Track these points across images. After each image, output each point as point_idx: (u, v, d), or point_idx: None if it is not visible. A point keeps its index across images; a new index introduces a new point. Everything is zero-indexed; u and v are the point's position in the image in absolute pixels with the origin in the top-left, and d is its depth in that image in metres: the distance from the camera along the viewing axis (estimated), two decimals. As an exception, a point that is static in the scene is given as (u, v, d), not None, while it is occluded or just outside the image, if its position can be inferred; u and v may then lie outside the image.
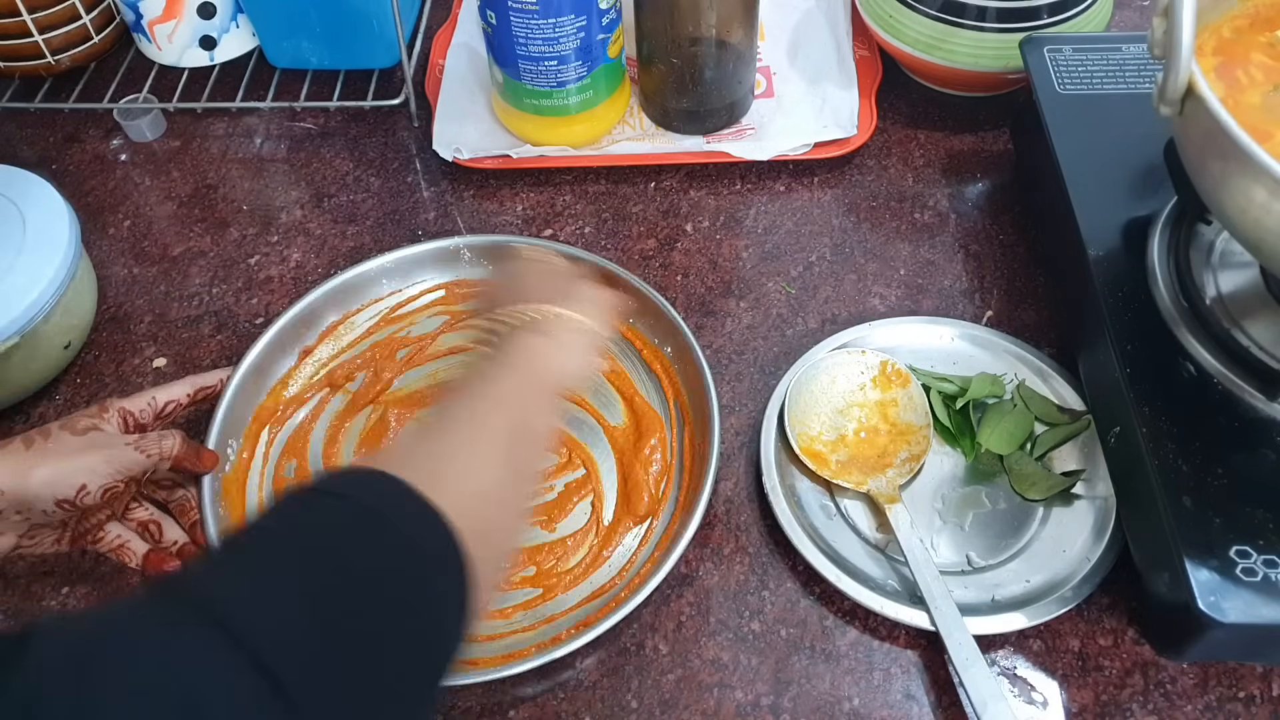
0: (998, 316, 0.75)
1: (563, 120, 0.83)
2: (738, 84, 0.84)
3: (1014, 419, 0.67)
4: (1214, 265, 0.64)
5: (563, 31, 0.76)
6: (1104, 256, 0.65)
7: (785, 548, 0.63)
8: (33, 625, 0.33)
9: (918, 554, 0.61)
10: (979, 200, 0.83)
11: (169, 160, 0.89)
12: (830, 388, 0.69)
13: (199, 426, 0.71)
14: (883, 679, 0.60)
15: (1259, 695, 0.58)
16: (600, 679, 0.60)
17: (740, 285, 0.78)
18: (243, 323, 0.77)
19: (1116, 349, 0.61)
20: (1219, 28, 0.59)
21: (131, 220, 0.84)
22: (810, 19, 0.95)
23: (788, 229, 0.81)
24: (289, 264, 0.81)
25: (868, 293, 0.77)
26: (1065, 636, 0.60)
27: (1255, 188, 0.51)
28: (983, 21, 0.79)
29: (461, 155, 0.83)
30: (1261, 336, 0.60)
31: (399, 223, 0.83)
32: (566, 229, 0.82)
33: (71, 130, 0.91)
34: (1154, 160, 0.64)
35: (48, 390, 0.73)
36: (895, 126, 0.88)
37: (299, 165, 0.88)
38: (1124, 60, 0.75)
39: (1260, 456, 0.57)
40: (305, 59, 0.91)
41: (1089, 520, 0.63)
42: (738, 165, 0.85)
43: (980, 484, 0.66)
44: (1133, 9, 0.97)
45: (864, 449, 0.67)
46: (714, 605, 0.62)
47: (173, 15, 0.88)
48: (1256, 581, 0.52)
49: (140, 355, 0.75)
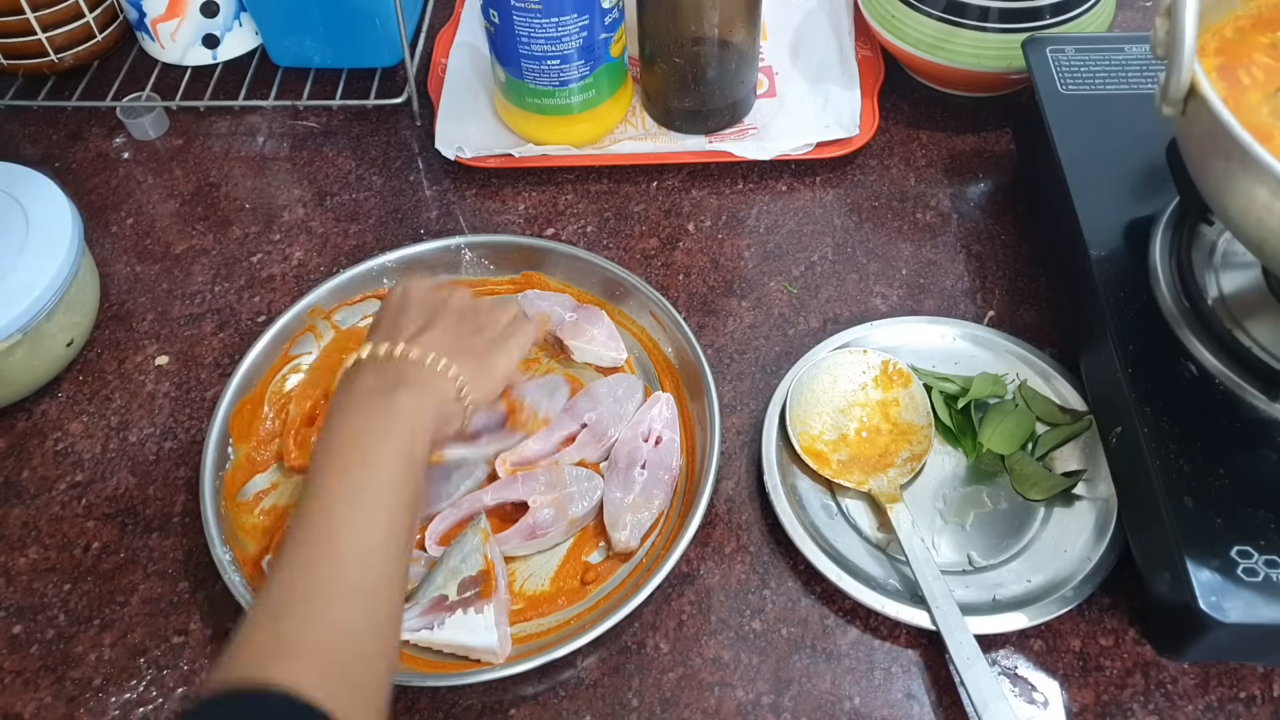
0: (999, 316, 0.75)
1: (565, 119, 0.83)
2: (740, 84, 0.84)
3: (1015, 419, 0.67)
4: (1216, 265, 0.64)
5: (565, 31, 0.76)
6: (1106, 257, 0.65)
7: (786, 547, 0.63)
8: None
9: (919, 553, 0.61)
10: (981, 200, 0.83)
11: (171, 158, 0.89)
12: (832, 387, 0.69)
13: (199, 426, 0.71)
14: (884, 678, 0.60)
15: (1260, 695, 0.58)
16: (601, 678, 0.60)
17: (742, 285, 0.78)
18: (245, 321, 0.77)
19: (1118, 349, 0.61)
20: (1221, 28, 0.59)
21: (134, 218, 0.84)
22: (813, 19, 0.95)
23: (790, 228, 0.81)
24: (291, 262, 0.81)
25: (869, 292, 0.77)
26: (1066, 636, 0.60)
27: (1257, 188, 0.51)
28: (985, 22, 0.79)
29: (464, 154, 0.84)
30: (1263, 337, 0.60)
31: (401, 221, 0.83)
32: (568, 228, 0.82)
33: (74, 128, 0.91)
34: (1156, 160, 0.64)
35: (50, 387, 0.73)
36: (897, 126, 0.88)
37: (301, 164, 0.88)
38: (1126, 61, 0.75)
39: (1262, 457, 0.57)
40: (308, 58, 0.91)
41: (1090, 520, 0.63)
42: (740, 165, 0.85)
43: (981, 484, 0.66)
44: (1135, 9, 0.97)
45: (865, 448, 0.67)
46: (715, 604, 0.62)
47: (176, 13, 0.88)
48: (1258, 582, 0.52)
49: (142, 353, 0.75)
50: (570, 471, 0.65)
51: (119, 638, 0.62)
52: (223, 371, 0.74)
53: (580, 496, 0.64)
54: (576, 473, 0.65)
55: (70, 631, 0.62)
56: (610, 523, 0.63)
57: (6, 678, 0.61)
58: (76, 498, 0.68)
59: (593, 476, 0.65)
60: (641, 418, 0.67)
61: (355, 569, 0.47)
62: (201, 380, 0.74)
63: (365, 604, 0.47)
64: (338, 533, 0.48)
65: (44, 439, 0.71)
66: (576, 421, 0.68)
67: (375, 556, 0.48)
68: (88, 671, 0.61)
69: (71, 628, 0.62)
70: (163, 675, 0.61)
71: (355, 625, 0.46)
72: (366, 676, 0.46)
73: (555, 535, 0.63)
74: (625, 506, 0.63)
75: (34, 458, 0.70)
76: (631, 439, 0.66)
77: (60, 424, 0.72)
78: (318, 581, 0.47)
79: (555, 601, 0.62)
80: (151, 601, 0.63)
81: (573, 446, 0.67)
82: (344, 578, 0.47)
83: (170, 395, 0.73)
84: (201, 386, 0.73)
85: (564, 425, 0.68)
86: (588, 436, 0.67)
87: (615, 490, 0.64)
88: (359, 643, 0.46)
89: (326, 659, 0.44)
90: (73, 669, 0.61)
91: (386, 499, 0.50)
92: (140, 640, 0.62)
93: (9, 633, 0.62)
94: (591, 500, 0.64)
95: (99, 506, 0.68)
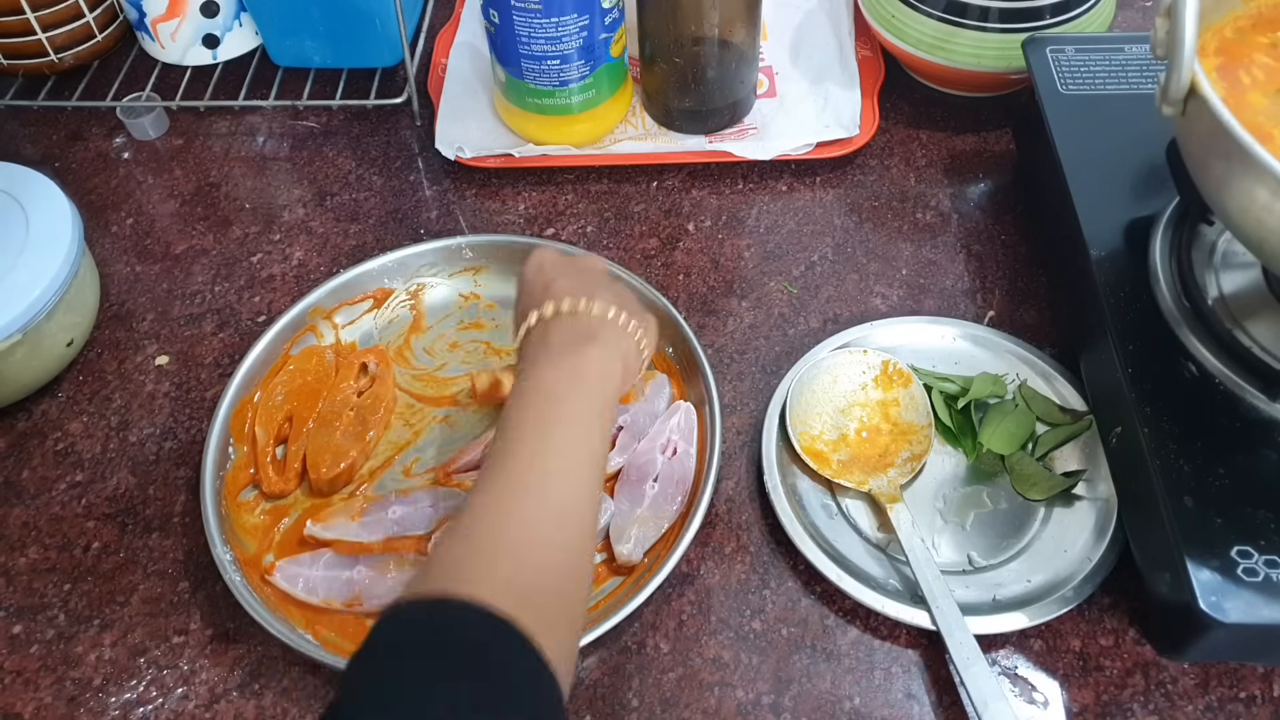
0: (999, 316, 0.75)
1: (565, 119, 0.83)
2: (740, 83, 0.84)
3: (1015, 419, 0.67)
4: (1216, 266, 0.64)
5: (565, 31, 0.76)
6: (1106, 257, 0.65)
7: (786, 547, 0.63)
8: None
9: (919, 553, 0.61)
10: (981, 200, 0.83)
11: (171, 158, 0.89)
12: (832, 387, 0.69)
13: (199, 426, 0.71)
14: (884, 678, 0.60)
15: (1260, 695, 0.58)
16: (601, 677, 0.60)
17: (742, 285, 0.78)
18: (245, 321, 0.77)
19: (1118, 349, 0.61)
20: (1221, 28, 0.59)
21: (134, 218, 0.84)
22: (813, 19, 0.95)
23: (790, 228, 0.81)
24: (291, 262, 0.81)
25: (869, 292, 0.77)
26: (1066, 636, 0.61)
27: (1257, 188, 0.51)
28: (985, 22, 0.79)
29: (464, 154, 0.84)
30: (1263, 337, 0.60)
31: (401, 221, 0.83)
32: (568, 228, 0.82)
33: (74, 128, 0.91)
34: (1156, 160, 0.64)
35: (50, 387, 0.73)
36: (897, 126, 0.88)
37: (301, 164, 0.88)
38: (1126, 60, 0.75)
39: (1262, 457, 0.57)
40: (308, 58, 0.91)
41: (1090, 520, 0.63)
42: (740, 165, 0.85)
43: (982, 484, 0.66)
44: (1135, 9, 0.97)
45: (865, 448, 0.67)
46: (715, 604, 0.62)
47: (176, 13, 0.88)
48: (1258, 582, 0.52)
49: (142, 353, 0.75)
50: None
51: (119, 638, 0.62)
52: (223, 371, 0.74)
53: None
54: None
55: (70, 631, 0.62)
56: (615, 535, 0.63)
57: (6, 678, 0.61)
58: (76, 498, 0.68)
59: (604, 499, 0.64)
60: (661, 428, 0.67)
61: (548, 496, 0.49)
62: (201, 380, 0.74)
63: (557, 527, 0.49)
64: (529, 461, 0.50)
65: (44, 439, 0.71)
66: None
67: (567, 491, 0.50)
68: (88, 671, 0.61)
69: (71, 628, 0.62)
70: (163, 675, 0.61)
71: (546, 550, 0.48)
72: (555, 596, 0.47)
73: None
74: (632, 520, 0.63)
75: (34, 458, 0.70)
76: (648, 450, 0.66)
77: (60, 424, 0.72)
78: (510, 505, 0.48)
79: None
80: (151, 601, 0.63)
81: (614, 451, 0.66)
82: (536, 502, 0.49)
83: (170, 395, 0.73)
84: (201, 386, 0.73)
85: None
86: (627, 438, 0.67)
87: (624, 502, 0.64)
88: (549, 563, 0.47)
89: (516, 576, 0.45)
90: (73, 669, 0.61)
91: (576, 447, 0.52)
92: (140, 640, 0.62)
93: (9, 633, 0.62)
94: (598, 524, 0.63)
95: (99, 506, 0.68)
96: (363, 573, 0.61)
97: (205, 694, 0.60)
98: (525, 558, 0.47)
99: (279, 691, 0.60)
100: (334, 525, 0.64)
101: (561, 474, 0.50)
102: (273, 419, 0.68)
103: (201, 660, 0.61)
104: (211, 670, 0.61)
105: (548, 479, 0.50)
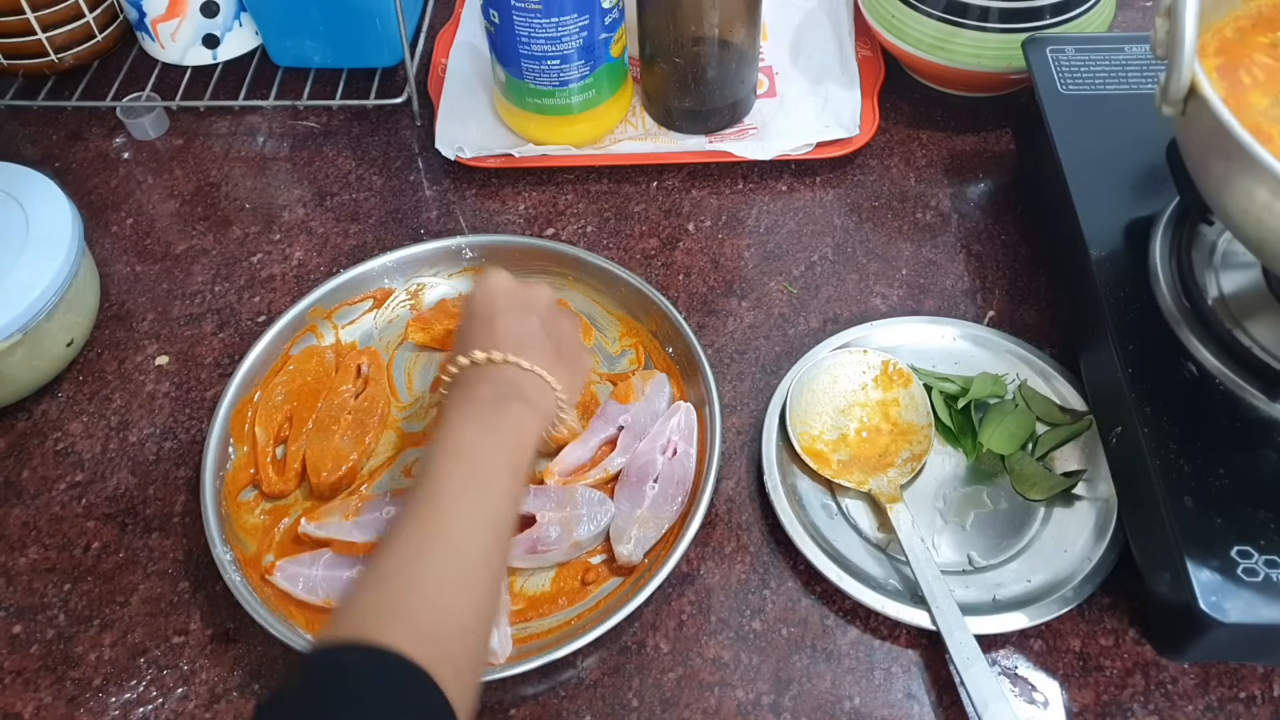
0: (999, 316, 0.75)
1: (565, 119, 0.83)
2: (740, 83, 0.84)
3: (1015, 419, 0.67)
4: (1216, 266, 0.64)
5: (565, 31, 0.76)
6: (1106, 257, 0.65)
7: (786, 547, 0.63)
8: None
9: (919, 553, 0.61)
10: (981, 200, 0.83)
11: (171, 158, 0.89)
12: (832, 387, 0.69)
13: (199, 426, 0.71)
14: (884, 678, 0.60)
15: (1260, 695, 0.58)
16: (601, 678, 0.60)
17: (742, 285, 0.78)
18: (245, 321, 0.77)
19: (1118, 349, 0.61)
20: (1221, 28, 0.59)
21: (134, 218, 0.84)
22: (813, 19, 0.95)
23: (790, 229, 0.81)
24: (291, 262, 0.81)
25: (870, 292, 0.77)
26: (1066, 636, 0.61)
27: (1257, 188, 0.51)
28: (985, 22, 0.79)
29: (464, 154, 0.84)
30: (1263, 337, 0.60)
31: (401, 221, 0.83)
32: (568, 228, 0.82)
33: (74, 128, 0.91)
34: (1156, 161, 0.64)
35: (50, 387, 0.73)
36: (897, 126, 0.88)
37: (301, 164, 0.88)
38: (1126, 61, 0.75)
39: (1262, 457, 0.57)
40: (308, 58, 0.91)
41: (1090, 520, 0.63)
42: (740, 165, 0.85)
43: (981, 484, 0.66)
44: (1135, 9, 0.97)
45: (865, 448, 0.67)
46: (715, 604, 0.62)
47: (176, 13, 0.88)
48: (1258, 582, 0.52)
49: (142, 353, 0.75)
50: (583, 493, 0.64)
51: (119, 638, 0.62)
52: (223, 371, 0.74)
53: (589, 519, 0.63)
54: (589, 495, 0.64)
55: (70, 631, 0.62)
56: (615, 535, 0.63)
57: (6, 678, 0.61)
58: (76, 498, 0.68)
59: (605, 501, 0.64)
60: (661, 429, 0.67)
61: (461, 554, 0.50)
62: (201, 380, 0.74)
63: (468, 584, 0.50)
64: (447, 520, 0.51)
65: (44, 439, 0.71)
66: (612, 425, 0.67)
67: (480, 546, 0.51)
68: (88, 671, 0.61)
69: (71, 628, 0.62)
70: (163, 675, 0.61)
71: (457, 602, 0.49)
72: (463, 651, 0.48)
73: (557, 555, 0.62)
74: (632, 520, 0.63)
75: (34, 458, 0.70)
76: (649, 451, 0.66)
77: (60, 424, 0.72)
78: (425, 559, 0.49)
79: (555, 602, 0.62)
80: (151, 601, 0.63)
81: (615, 452, 0.66)
82: (450, 559, 0.50)
83: (170, 395, 0.73)
84: (201, 386, 0.73)
85: (599, 430, 0.67)
86: (627, 438, 0.67)
87: (624, 502, 0.64)
88: (461, 619, 0.48)
89: (429, 628, 0.47)
90: (73, 669, 0.61)
91: (495, 498, 0.53)
92: (140, 640, 0.62)
93: (9, 633, 0.62)
94: (599, 525, 0.63)
95: (99, 506, 0.68)
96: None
97: (205, 694, 0.60)
98: (438, 613, 0.48)
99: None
100: (328, 524, 0.63)
101: (474, 530, 0.52)
102: (273, 419, 0.68)
103: (201, 660, 0.61)
104: (211, 670, 0.61)
105: (460, 536, 0.51)
